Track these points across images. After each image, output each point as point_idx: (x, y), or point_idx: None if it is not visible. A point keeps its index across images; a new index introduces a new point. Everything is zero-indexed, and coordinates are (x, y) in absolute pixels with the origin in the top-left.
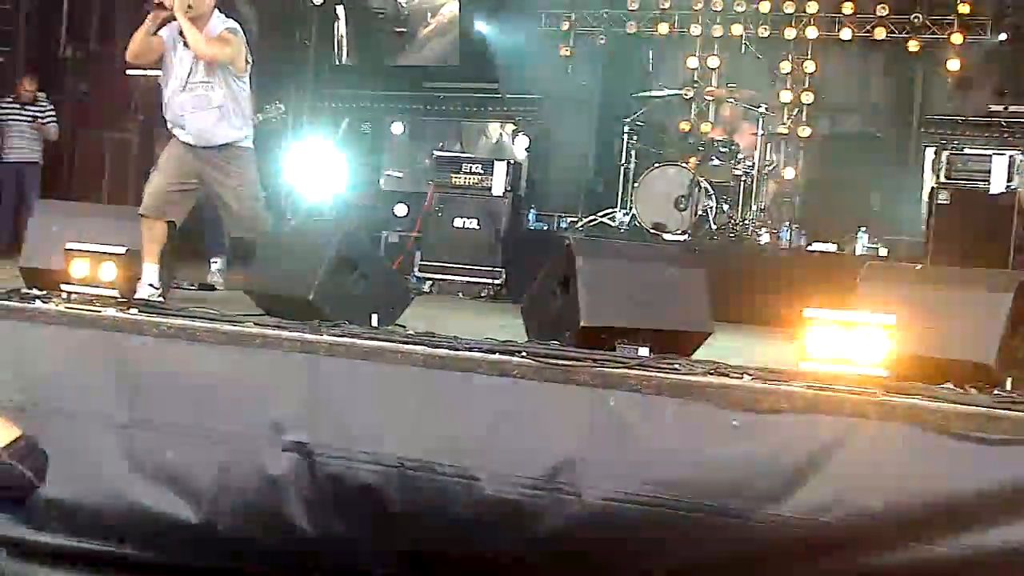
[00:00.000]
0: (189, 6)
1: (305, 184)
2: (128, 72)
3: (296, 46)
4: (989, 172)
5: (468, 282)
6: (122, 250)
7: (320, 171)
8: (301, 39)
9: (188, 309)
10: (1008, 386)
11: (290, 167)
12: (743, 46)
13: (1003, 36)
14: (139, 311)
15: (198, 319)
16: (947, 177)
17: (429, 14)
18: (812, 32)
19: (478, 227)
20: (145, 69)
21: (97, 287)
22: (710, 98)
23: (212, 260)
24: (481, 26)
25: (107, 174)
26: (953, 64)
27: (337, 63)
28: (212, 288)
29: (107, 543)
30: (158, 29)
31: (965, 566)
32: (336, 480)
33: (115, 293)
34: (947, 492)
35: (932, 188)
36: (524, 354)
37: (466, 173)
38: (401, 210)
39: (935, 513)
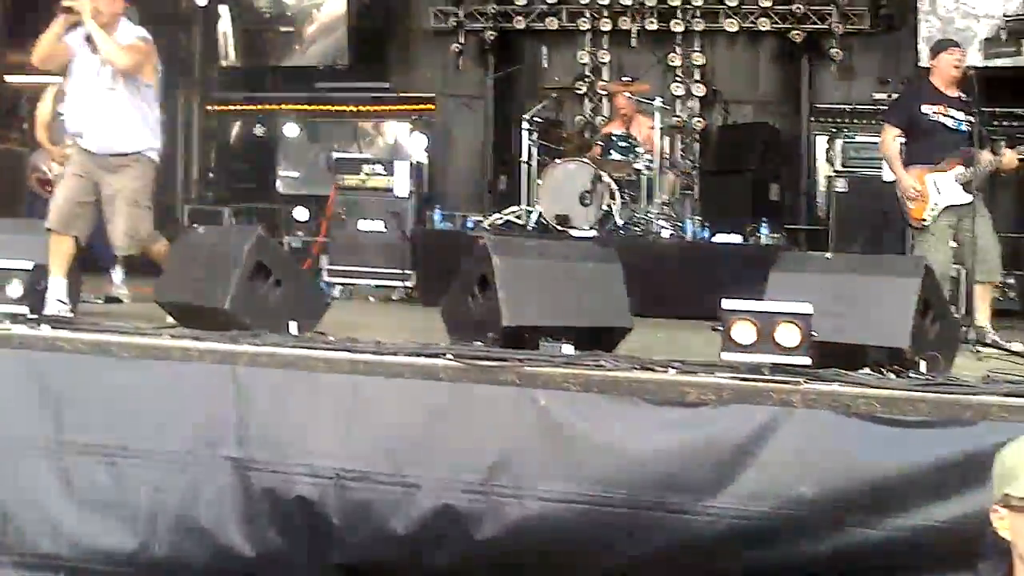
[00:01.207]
0: (99, 11)
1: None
2: (7, 79)
3: (180, 48)
4: (881, 159)
5: (378, 285)
6: (29, 265)
7: (216, 176)
8: (186, 42)
9: (102, 323)
10: (923, 368)
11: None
12: (632, 39)
13: (880, 27)
14: (51, 327)
15: (114, 333)
16: (843, 165)
17: (314, 11)
18: (698, 24)
19: (384, 229)
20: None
21: (5, 304)
22: (603, 92)
23: (111, 271)
24: (369, 24)
25: None
26: (836, 54)
27: (224, 65)
28: (118, 301)
29: (45, 573)
30: (65, 33)
31: (895, 546)
32: (272, 495)
33: (24, 310)
34: (874, 475)
35: (829, 177)
36: (450, 356)
37: (367, 174)
38: (301, 214)
39: (864, 496)
